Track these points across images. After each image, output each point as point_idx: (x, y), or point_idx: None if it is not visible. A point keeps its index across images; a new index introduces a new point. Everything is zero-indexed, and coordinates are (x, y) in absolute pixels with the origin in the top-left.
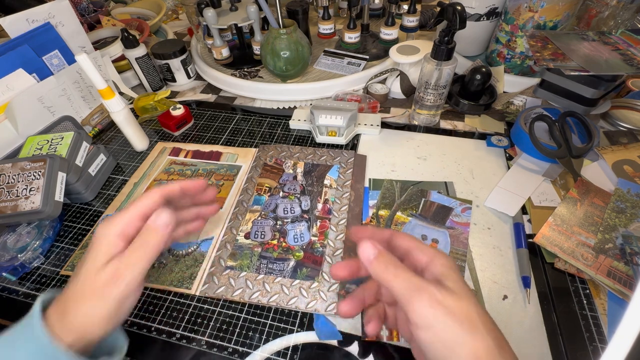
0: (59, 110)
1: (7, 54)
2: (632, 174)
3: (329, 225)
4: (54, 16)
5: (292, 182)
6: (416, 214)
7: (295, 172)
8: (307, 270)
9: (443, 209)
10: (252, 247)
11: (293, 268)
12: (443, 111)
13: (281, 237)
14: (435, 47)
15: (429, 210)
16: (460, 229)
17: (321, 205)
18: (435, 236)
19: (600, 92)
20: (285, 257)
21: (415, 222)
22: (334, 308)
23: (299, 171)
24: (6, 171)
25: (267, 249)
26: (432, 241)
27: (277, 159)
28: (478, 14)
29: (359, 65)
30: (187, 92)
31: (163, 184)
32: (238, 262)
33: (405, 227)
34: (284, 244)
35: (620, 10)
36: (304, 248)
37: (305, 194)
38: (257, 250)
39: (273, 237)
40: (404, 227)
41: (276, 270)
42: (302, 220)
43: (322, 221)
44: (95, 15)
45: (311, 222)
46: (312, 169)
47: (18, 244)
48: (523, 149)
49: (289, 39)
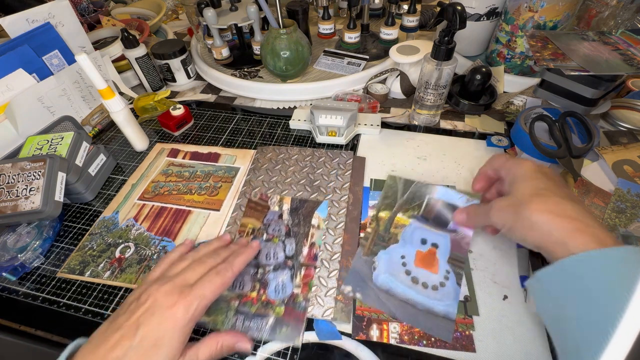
0: (59, 110)
1: (7, 54)
2: (632, 174)
3: (314, 274)
4: (54, 16)
5: (277, 221)
6: (418, 215)
7: (281, 210)
8: (286, 330)
9: (447, 208)
10: (229, 300)
11: (272, 326)
12: (443, 111)
13: (261, 288)
14: (435, 47)
15: (432, 211)
16: (463, 232)
17: (307, 250)
18: (436, 240)
19: (600, 92)
20: (264, 313)
21: (415, 225)
22: (330, 313)
23: (285, 208)
24: (6, 171)
25: (245, 303)
26: (432, 246)
27: (263, 194)
28: (478, 14)
29: (359, 65)
30: (187, 92)
31: (161, 185)
32: (212, 318)
33: (405, 230)
34: (264, 297)
35: (620, 10)
36: (286, 302)
37: (291, 235)
38: (234, 304)
39: (253, 287)
40: (404, 231)
41: (253, 329)
42: (285, 268)
43: (307, 269)
44: (95, 15)
45: (295, 270)
46: (300, 206)
47: (18, 244)
48: (523, 149)
49: (289, 39)
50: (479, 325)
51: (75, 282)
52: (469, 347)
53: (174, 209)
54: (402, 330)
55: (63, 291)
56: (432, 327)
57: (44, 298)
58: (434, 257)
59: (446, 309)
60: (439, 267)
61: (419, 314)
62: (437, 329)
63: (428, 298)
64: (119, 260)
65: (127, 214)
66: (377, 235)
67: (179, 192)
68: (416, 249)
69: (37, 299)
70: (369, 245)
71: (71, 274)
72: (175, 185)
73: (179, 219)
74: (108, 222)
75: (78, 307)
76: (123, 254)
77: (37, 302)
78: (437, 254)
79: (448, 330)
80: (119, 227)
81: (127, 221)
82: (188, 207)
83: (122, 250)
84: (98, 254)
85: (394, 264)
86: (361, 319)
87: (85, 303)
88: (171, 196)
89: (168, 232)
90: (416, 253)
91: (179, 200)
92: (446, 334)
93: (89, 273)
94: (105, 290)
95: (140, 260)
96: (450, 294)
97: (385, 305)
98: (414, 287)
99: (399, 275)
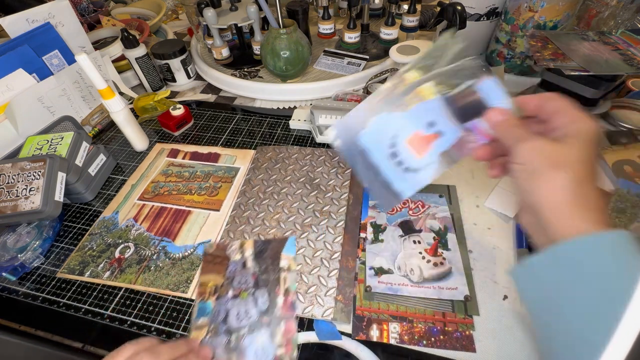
0: (59, 110)
1: (7, 54)
2: (632, 174)
3: (295, 326)
4: (54, 16)
5: (242, 272)
6: (447, 94)
7: (244, 257)
8: None
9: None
10: None
11: None
12: None
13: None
14: None
15: (463, 99)
16: (477, 137)
17: (282, 300)
18: (443, 129)
19: (600, 92)
20: None
21: (433, 105)
22: (330, 313)
23: (248, 255)
24: (6, 171)
25: None
26: (436, 132)
27: (219, 243)
28: (478, 14)
29: (359, 65)
30: (187, 92)
31: (161, 186)
32: None
33: (423, 105)
34: None
35: (620, 10)
36: None
37: (260, 285)
38: None
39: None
40: (421, 104)
41: None
42: (262, 326)
43: (287, 322)
44: (95, 15)
45: (273, 326)
46: (264, 248)
47: (18, 244)
48: None
49: (289, 39)
50: (479, 325)
51: (75, 282)
52: (469, 347)
53: (174, 209)
54: (402, 330)
55: (63, 291)
56: (380, 195)
57: (44, 298)
58: (428, 143)
59: (401, 189)
60: (426, 155)
61: (376, 181)
62: (383, 198)
63: (394, 173)
64: (118, 260)
65: (127, 214)
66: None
67: (179, 192)
68: (418, 128)
69: (37, 299)
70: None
71: (71, 274)
72: (175, 186)
73: (179, 219)
74: (108, 222)
75: (78, 307)
76: (123, 254)
77: (37, 302)
78: (434, 142)
79: (390, 203)
80: (119, 227)
81: (127, 221)
82: (188, 207)
83: (122, 250)
84: (98, 254)
85: (386, 132)
86: (361, 319)
87: (85, 303)
88: (171, 196)
89: (168, 232)
90: (415, 132)
91: (178, 201)
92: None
93: (88, 273)
94: (105, 290)
95: (140, 260)
96: (415, 180)
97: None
98: (388, 159)
99: (382, 142)
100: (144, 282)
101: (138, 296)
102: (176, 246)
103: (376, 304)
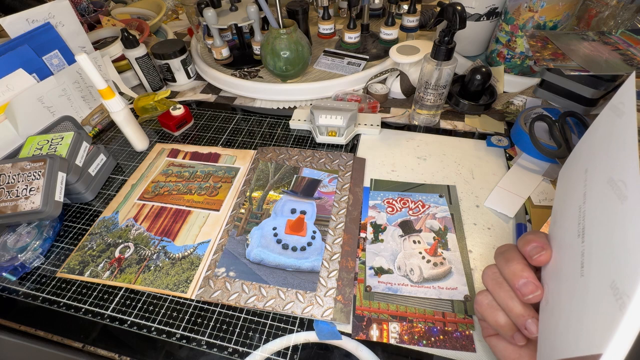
0: (59, 110)
1: (7, 54)
2: None
3: None
4: (54, 16)
5: None
6: (288, 190)
7: None
8: None
9: (313, 182)
10: None
11: None
12: (443, 111)
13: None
14: (435, 47)
15: (300, 185)
16: (326, 197)
17: None
18: (304, 208)
19: (600, 92)
20: None
21: (286, 199)
22: (330, 313)
23: None
24: (6, 171)
25: None
26: (300, 212)
27: None
28: (478, 14)
29: (359, 65)
30: (187, 92)
31: (161, 185)
32: None
33: (277, 203)
34: None
35: (620, 10)
36: None
37: None
38: None
39: None
40: (276, 204)
41: None
42: None
43: None
44: (95, 15)
45: None
46: None
47: (18, 244)
48: (523, 149)
49: (289, 39)
50: (479, 325)
51: (75, 282)
52: (469, 347)
53: (174, 209)
54: (402, 330)
55: (63, 291)
56: (300, 283)
57: (44, 298)
58: (302, 223)
59: (312, 264)
60: (307, 230)
61: (287, 275)
62: (303, 283)
63: (297, 259)
64: (118, 260)
65: (127, 214)
66: (250, 214)
67: (179, 192)
68: (287, 218)
69: (37, 299)
70: (242, 225)
71: (71, 274)
72: (175, 186)
73: (179, 219)
74: (108, 222)
75: (78, 307)
76: (123, 254)
77: (37, 302)
78: (305, 219)
79: (313, 282)
80: (119, 227)
81: (127, 221)
82: (188, 207)
83: (122, 250)
84: (98, 254)
85: (266, 237)
86: (361, 319)
87: (85, 303)
88: (171, 196)
89: (168, 232)
90: (287, 222)
91: (178, 201)
92: (311, 285)
93: (88, 273)
94: (105, 290)
95: (140, 260)
96: (316, 251)
97: (257, 276)
98: (284, 253)
99: (269, 246)
100: (144, 282)
101: (138, 296)
102: (176, 246)
103: (376, 304)
